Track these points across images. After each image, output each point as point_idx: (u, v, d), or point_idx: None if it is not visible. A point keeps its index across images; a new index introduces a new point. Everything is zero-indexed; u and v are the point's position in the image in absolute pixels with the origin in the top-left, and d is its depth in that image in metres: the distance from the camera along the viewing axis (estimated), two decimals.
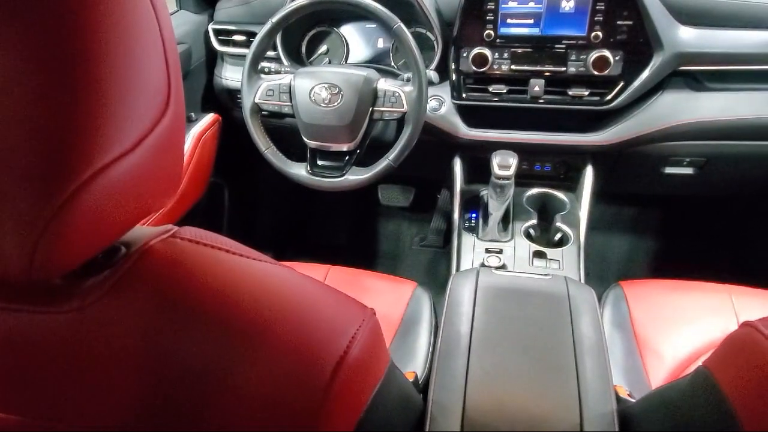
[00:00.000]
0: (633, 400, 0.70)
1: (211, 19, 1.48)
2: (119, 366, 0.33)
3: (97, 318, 0.33)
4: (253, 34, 1.17)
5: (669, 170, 1.35)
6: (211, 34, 1.45)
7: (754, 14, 1.12)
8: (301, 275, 0.42)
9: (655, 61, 1.14)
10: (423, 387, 0.68)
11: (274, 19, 1.14)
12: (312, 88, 1.14)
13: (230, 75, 1.46)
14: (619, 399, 0.67)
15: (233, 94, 1.45)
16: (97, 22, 0.29)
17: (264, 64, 1.25)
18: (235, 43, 1.42)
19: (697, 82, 1.21)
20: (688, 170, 1.34)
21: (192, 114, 1.41)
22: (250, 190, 1.84)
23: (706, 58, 1.15)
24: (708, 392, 0.45)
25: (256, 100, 1.19)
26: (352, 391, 0.38)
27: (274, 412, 0.34)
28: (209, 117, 1.43)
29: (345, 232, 2.06)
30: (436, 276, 1.83)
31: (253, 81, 1.19)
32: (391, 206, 1.96)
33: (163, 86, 0.35)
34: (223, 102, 1.51)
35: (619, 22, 1.12)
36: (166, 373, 0.33)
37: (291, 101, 1.17)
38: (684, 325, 1.02)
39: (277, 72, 1.25)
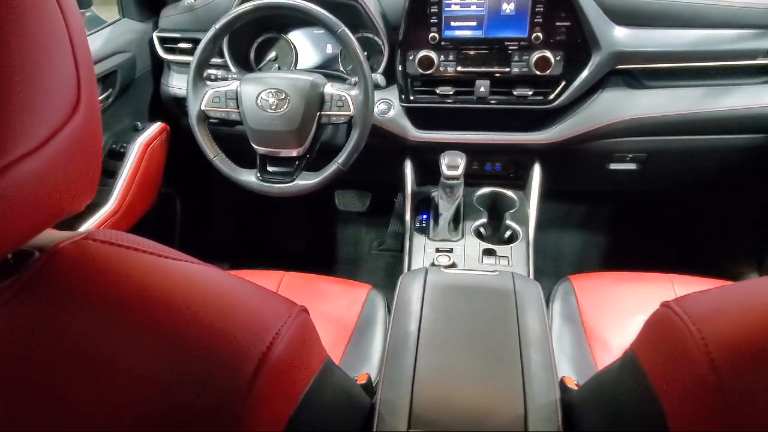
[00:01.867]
0: None
1: (155, 27, 1.46)
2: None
3: (4, 322, 0.32)
4: (198, 42, 1.16)
5: (613, 166, 1.39)
6: (156, 42, 1.43)
7: (683, 14, 1.17)
8: (225, 274, 0.42)
9: (594, 61, 1.17)
10: (376, 388, 0.68)
11: (218, 26, 1.13)
12: (258, 94, 1.13)
13: (177, 83, 1.43)
14: (567, 389, 0.69)
15: (180, 102, 1.43)
16: None
17: (210, 71, 1.23)
18: (181, 51, 1.41)
19: (634, 80, 1.26)
20: (631, 166, 1.39)
21: (138, 123, 1.39)
22: (203, 200, 1.81)
23: (641, 57, 1.19)
24: (633, 373, 0.46)
25: (202, 108, 1.17)
26: (279, 389, 0.38)
27: (196, 412, 0.33)
28: (156, 126, 1.40)
29: (303, 238, 2.05)
30: (394, 279, 1.84)
31: (199, 88, 1.17)
32: (349, 211, 1.96)
33: (72, 86, 0.35)
34: (171, 110, 1.49)
35: (557, 24, 1.15)
36: (78, 374, 0.32)
37: (238, 108, 1.16)
38: (629, 314, 1.05)
39: (224, 79, 1.23)
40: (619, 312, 1.06)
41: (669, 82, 1.25)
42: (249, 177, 1.20)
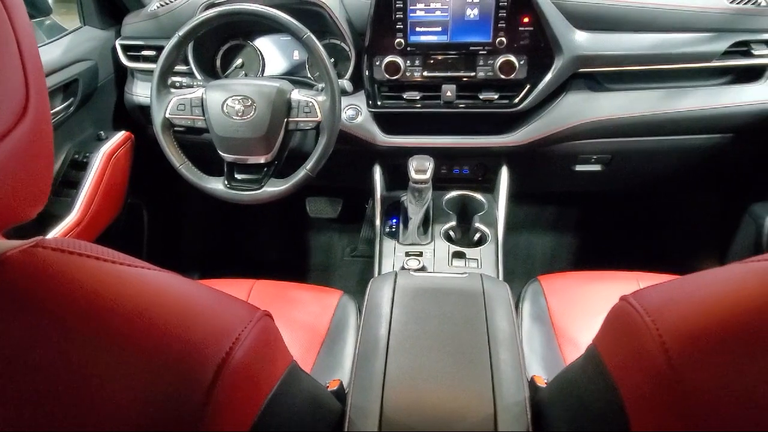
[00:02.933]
0: None
1: (118, 34, 1.43)
2: None
3: None
4: (162, 49, 1.14)
5: (579, 168, 1.42)
6: (118, 49, 1.40)
7: (641, 18, 1.21)
8: (183, 280, 0.41)
9: (557, 64, 1.20)
10: (347, 393, 0.68)
11: (181, 33, 1.12)
12: (224, 101, 1.12)
13: (141, 91, 1.41)
14: (537, 387, 0.70)
15: (145, 111, 1.41)
16: None
17: (175, 78, 1.22)
18: (145, 59, 1.39)
19: (596, 83, 1.29)
20: (596, 167, 1.42)
21: (102, 132, 1.36)
22: (171, 209, 1.78)
23: (602, 60, 1.22)
24: (595, 367, 0.47)
25: (167, 115, 1.16)
26: (241, 394, 0.37)
27: (153, 421, 0.33)
28: (120, 135, 1.38)
29: (274, 246, 2.03)
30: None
31: (163, 96, 1.16)
32: (320, 218, 1.96)
33: (19, 92, 0.34)
34: (136, 119, 1.46)
35: (520, 28, 1.17)
36: (28, 386, 0.31)
37: (204, 115, 1.15)
38: (596, 312, 1.06)
39: (189, 86, 1.22)
40: (587, 310, 1.08)
41: (629, 85, 1.28)
42: (216, 185, 1.19)
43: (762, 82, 1.24)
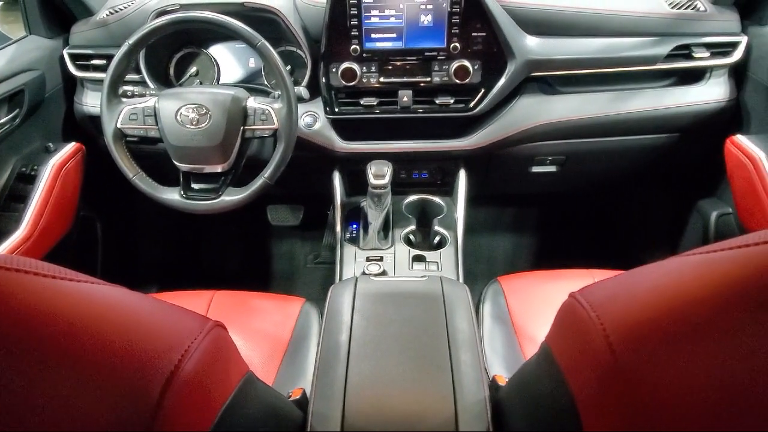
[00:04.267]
0: None
1: (66, 43, 1.39)
2: None
3: None
4: (112, 58, 1.12)
5: (535, 169, 1.45)
6: (67, 59, 1.36)
7: (589, 23, 1.25)
8: (130, 294, 0.40)
9: (510, 69, 1.22)
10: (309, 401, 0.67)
11: (132, 41, 1.10)
12: (178, 110, 1.11)
13: (91, 101, 1.38)
14: (497, 386, 0.70)
15: (96, 121, 1.37)
16: None
17: (127, 87, 1.20)
18: (95, 68, 1.35)
19: (549, 86, 1.32)
20: (552, 168, 1.45)
21: (50, 144, 1.32)
22: (127, 222, 1.74)
23: (553, 64, 1.25)
24: (548, 364, 0.48)
25: (119, 125, 1.13)
26: (192, 407, 0.37)
27: None
28: (70, 146, 1.34)
29: (236, 256, 2.01)
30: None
31: (114, 105, 1.13)
32: (282, 226, 1.94)
33: None
34: (87, 130, 1.42)
35: (474, 34, 1.19)
36: None
37: (157, 124, 1.13)
38: (554, 310, 1.09)
39: (141, 95, 1.19)
40: (545, 308, 1.10)
41: (580, 88, 1.32)
42: (172, 195, 1.17)
43: (703, 84, 1.30)
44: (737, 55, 1.26)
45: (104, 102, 1.12)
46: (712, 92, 1.30)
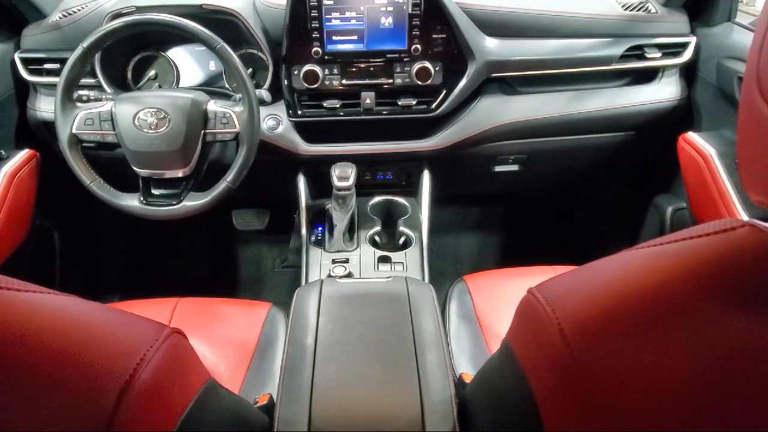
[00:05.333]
0: None
1: (17, 47, 1.35)
2: None
3: None
4: (66, 61, 1.09)
5: (498, 168, 1.48)
6: (18, 63, 1.32)
7: (546, 25, 1.27)
8: (85, 303, 0.39)
9: (470, 70, 1.24)
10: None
11: (86, 44, 1.07)
12: (136, 114, 1.08)
13: (45, 106, 1.34)
14: (464, 384, 0.71)
15: (50, 127, 1.33)
16: None
17: (82, 92, 1.16)
18: (48, 72, 1.31)
19: (509, 87, 1.35)
20: (514, 167, 1.47)
21: (2, 151, 1.28)
22: (86, 230, 1.69)
23: (512, 65, 1.27)
24: (509, 360, 0.49)
25: (74, 131, 1.10)
26: (150, 416, 0.36)
27: None
28: (24, 153, 1.30)
29: (201, 262, 1.97)
30: None
31: (68, 110, 1.10)
32: (248, 230, 1.92)
33: None
34: (41, 136, 1.38)
35: (434, 36, 1.20)
36: None
37: (114, 129, 1.10)
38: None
39: (97, 99, 1.17)
40: (510, 305, 1.11)
41: (539, 88, 1.34)
42: (131, 201, 1.14)
43: (656, 83, 1.34)
44: (687, 55, 1.31)
45: (58, 107, 1.09)
46: (665, 91, 1.34)
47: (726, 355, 0.34)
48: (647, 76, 1.36)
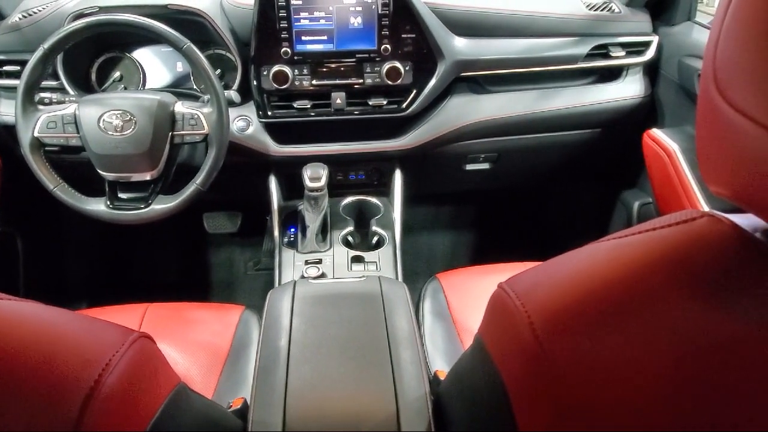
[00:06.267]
0: None
1: None
2: None
3: None
4: (26, 63, 1.06)
5: (469, 167, 1.49)
6: None
7: (513, 24, 1.29)
8: (45, 308, 0.38)
9: (440, 69, 1.25)
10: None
11: (47, 45, 1.04)
12: (101, 117, 1.06)
13: (5, 109, 1.30)
14: (439, 382, 0.72)
15: (11, 131, 1.28)
16: None
17: (44, 94, 1.13)
18: (8, 74, 1.28)
19: (478, 86, 1.36)
20: (485, 165, 1.49)
21: None
22: (51, 236, 1.64)
23: (481, 64, 1.29)
24: (481, 355, 0.49)
25: (36, 134, 1.07)
26: (117, 422, 0.35)
27: None
28: None
29: (173, 267, 1.94)
30: None
31: (30, 113, 1.07)
32: (220, 234, 1.89)
33: None
34: (2, 140, 1.34)
35: (403, 36, 1.21)
36: None
37: (78, 132, 1.08)
38: None
39: (60, 102, 1.14)
40: (483, 302, 1.12)
41: (508, 87, 1.36)
42: (98, 206, 1.12)
43: (620, 81, 1.38)
44: (650, 53, 1.34)
45: (19, 110, 1.06)
46: (629, 89, 1.38)
47: (689, 342, 0.35)
48: (612, 74, 1.39)
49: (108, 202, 1.12)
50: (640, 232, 0.41)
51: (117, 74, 1.35)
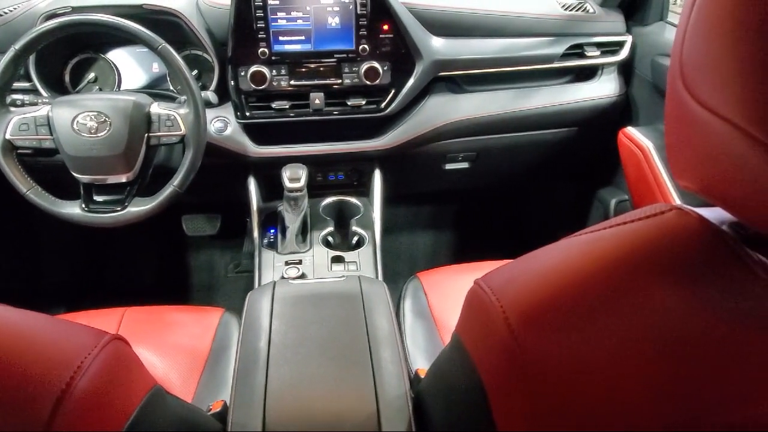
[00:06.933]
0: None
1: None
2: None
3: None
4: None
5: (448, 166, 1.50)
6: None
7: (490, 24, 1.30)
8: (15, 311, 0.38)
9: (418, 69, 1.25)
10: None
11: (18, 46, 1.02)
12: (74, 118, 1.04)
13: None
14: (420, 380, 0.72)
15: None
16: None
17: (16, 96, 1.12)
18: None
19: (456, 85, 1.37)
20: (464, 164, 1.50)
21: None
22: (25, 240, 1.61)
23: (458, 64, 1.30)
24: (459, 353, 0.50)
25: (8, 137, 1.05)
26: (90, 425, 0.35)
27: None
28: None
29: (151, 270, 1.92)
30: None
31: (1, 116, 1.05)
32: (199, 236, 1.88)
33: None
34: None
35: (381, 36, 1.21)
36: None
37: (52, 134, 1.06)
38: None
39: (33, 104, 1.12)
40: (462, 300, 1.13)
41: (485, 87, 1.37)
42: (72, 209, 1.10)
43: (596, 81, 1.40)
44: (624, 53, 1.36)
45: None
46: (604, 88, 1.40)
47: (660, 334, 0.35)
48: (587, 73, 1.41)
49: (83, 205, 1.10)
50: (612, 226, 0.41)
51: (91, 75, 1.33)
